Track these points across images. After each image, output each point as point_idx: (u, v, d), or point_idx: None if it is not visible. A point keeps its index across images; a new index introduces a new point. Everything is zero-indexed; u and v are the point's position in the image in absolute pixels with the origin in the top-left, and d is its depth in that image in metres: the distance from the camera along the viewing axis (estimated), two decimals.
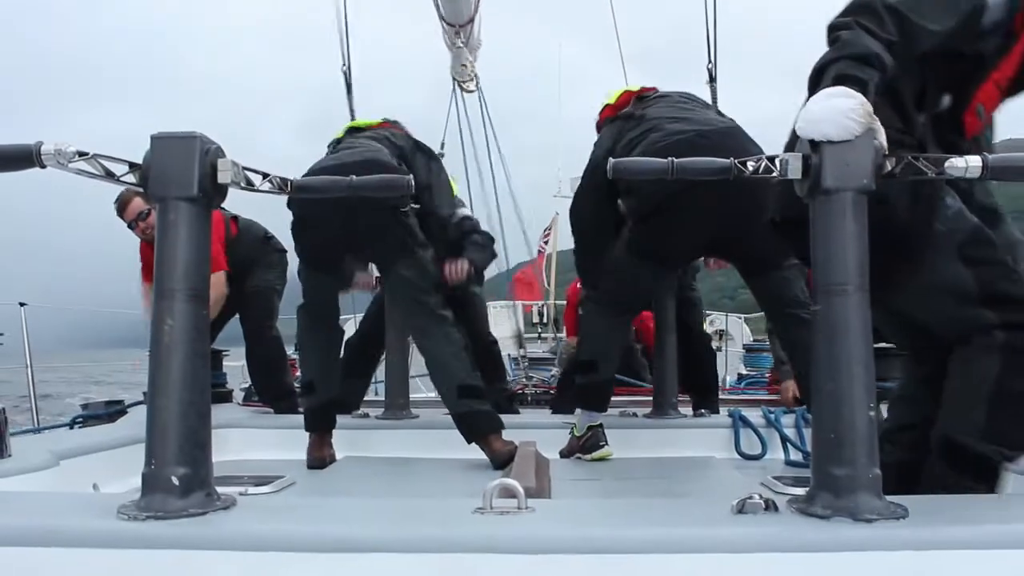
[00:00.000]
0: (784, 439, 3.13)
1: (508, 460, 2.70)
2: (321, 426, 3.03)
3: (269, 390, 3.92)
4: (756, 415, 3.27)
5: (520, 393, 4.60)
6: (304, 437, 3.01)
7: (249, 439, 3.24)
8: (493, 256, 3.89)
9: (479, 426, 2.88)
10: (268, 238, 4.14)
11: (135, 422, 3.17)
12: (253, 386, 4.13)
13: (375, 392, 4.60)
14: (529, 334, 8.74)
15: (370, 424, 3.40)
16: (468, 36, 5.18)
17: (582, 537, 1.22)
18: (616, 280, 3.03)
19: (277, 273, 4.11)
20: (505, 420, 2.95)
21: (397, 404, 3.53)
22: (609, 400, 3.18)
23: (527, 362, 5.13)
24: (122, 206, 3.62)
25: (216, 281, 3.60)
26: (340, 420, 3.13)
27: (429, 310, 2.97)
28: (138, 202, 3.57)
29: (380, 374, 4.16)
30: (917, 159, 1.33)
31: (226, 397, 4.23)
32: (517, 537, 1.22)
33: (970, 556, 1.18)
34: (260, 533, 1.24)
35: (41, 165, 1.31)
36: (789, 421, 3.21)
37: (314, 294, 3.10)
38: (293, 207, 2.92)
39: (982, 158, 1.29)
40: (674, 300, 3.61)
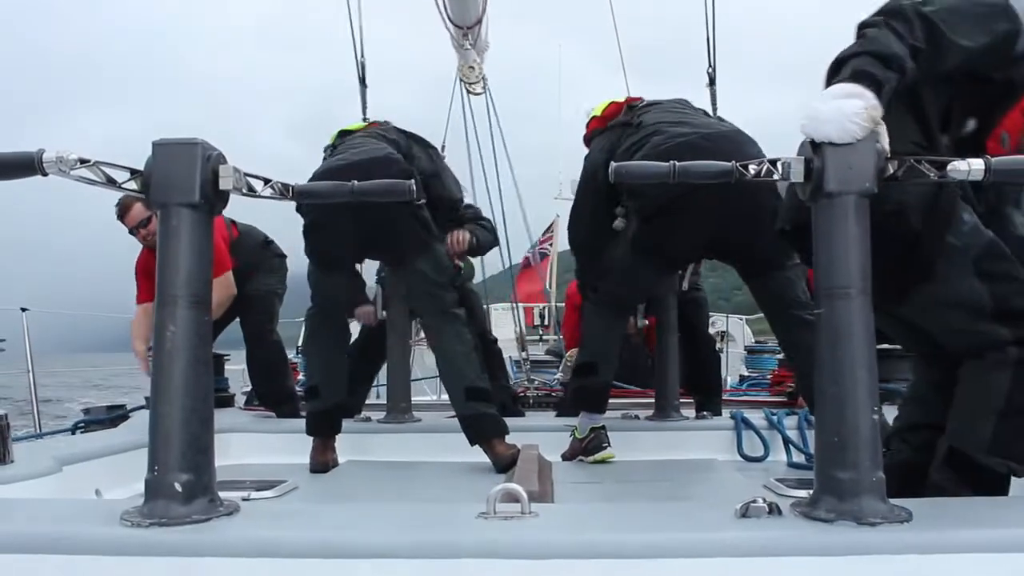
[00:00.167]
0: (786, 441, 3.13)
1: (511, 464, 2.71)
2: (324, 431, 3.02)
3: (270, 394, 3.91)
4: (758, 417, 3.27)
5: (522, 396, 4.59)
6: (306, 441, 3.00)
7: (251, 443, 3.23)
8: (495, 242, 3.95)
9: (484, 429, 2.88)
10: (268, 243, 4.14)
11: (137, 427, 3.17)
12: (254, 390, 4.13)
13: (376, 395, 4.59)
14: (531, 336, 8.72)
15: (372, 428, 3.39)
16: (476, 38, 5.15)
17: (586, 542, 1.22)
18: (616, 280, 3.04)
19: (278, 277, 4.10)
20: (508, 423, 2.95)
21: (399, 408, 3.52)
22: (607, 402, 3.17)
23: (529, 364, 5.12)
24: (123, 212, 3.59)
25: (225, 281, 3.60)
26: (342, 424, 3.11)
27: (444, 307, 2.99)
28: (139, 208, 3.54)
29: (382, 377, 4.16)
30: (919, 162, 1.33)
31: (228, 402, 4.22)
32: (521, 543, 1.22)
33: (974, 559, 1.18)
34: (264, 539, 1.24)
35: (43, 173, 1.31)
36: (791, 423, 3.21)
37: (325, 294, 3.10)
38: (303, 212, 2.92)
39: (984, 161, 1.29)
40: (676, 300, 3.60)
